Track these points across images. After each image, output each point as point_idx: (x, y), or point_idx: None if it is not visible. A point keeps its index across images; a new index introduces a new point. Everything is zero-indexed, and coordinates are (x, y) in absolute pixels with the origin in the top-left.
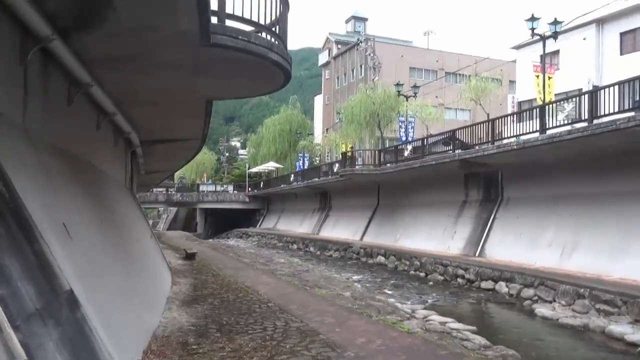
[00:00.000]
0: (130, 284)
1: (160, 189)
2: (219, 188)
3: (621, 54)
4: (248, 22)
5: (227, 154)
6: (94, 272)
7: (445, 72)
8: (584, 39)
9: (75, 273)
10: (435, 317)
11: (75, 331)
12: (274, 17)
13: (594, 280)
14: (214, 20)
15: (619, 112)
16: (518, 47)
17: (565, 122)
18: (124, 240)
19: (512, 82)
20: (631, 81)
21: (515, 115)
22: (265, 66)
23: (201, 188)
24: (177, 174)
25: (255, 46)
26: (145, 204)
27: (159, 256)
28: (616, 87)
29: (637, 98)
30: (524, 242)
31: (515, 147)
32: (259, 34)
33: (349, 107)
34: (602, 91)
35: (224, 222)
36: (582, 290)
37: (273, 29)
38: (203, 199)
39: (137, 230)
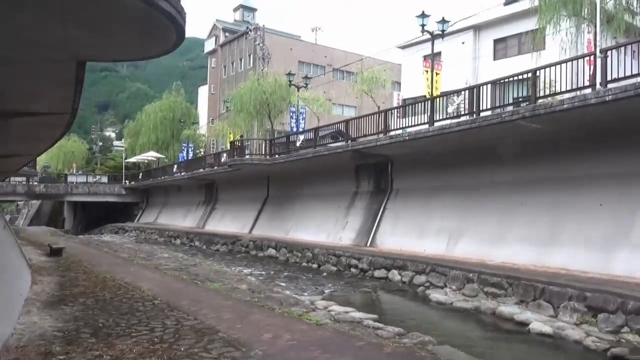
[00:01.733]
0: None
1: (20, 179)
2: (91, 179)
3: (494, 59)
4: None
5: (100, 144)
6: None
7: (333, 68)
8: (463, 42)
9: None
10: (336, 307)
11: None
12: None
13: (479, 265)
14: None
15: (498, 107)
16: (404, 47)
17: (454, 114)
18: None
19: (394, 82)
20: (514, 77)
21: (402, 109)
22: (154, 17)
23: (70, 179)
24: (40, 162)
25: None
26: (1, 196)
27: (14, 250)
28: (497, 83)
29: (515, 95)
30: (413, 231)
31: (407, 137)
32: None
33: (239, 95)
34: (485, 87)
35: (96, 216)
36: (471, 274)
37: None
38: (72, 191)
39: None
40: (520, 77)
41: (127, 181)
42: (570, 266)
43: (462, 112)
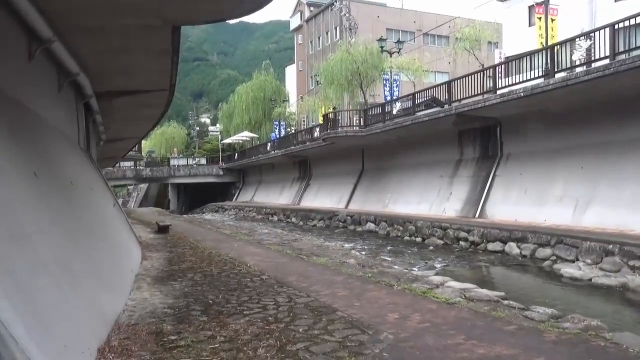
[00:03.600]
0: (79, 256)
1: (128, 164)
2: (191, 161)
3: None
4: None
5: (197, 129)
6: (13, 235)
7: (423, 33)
8: None
9: None
10: (453, 284)
11: None
12: None
13: (617, 235)
14: None
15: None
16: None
17: (580, 61)
18: (72, 202)
19: (491, 43)
20: None
21: (506, 67)
22: None
23: (172, 162)
24: (145, 148)
25: None
26: (113, 181)
27: (124, 227)
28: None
29: None
30: (529, 200)
31: (522, 94)
32: None
33: (329, 67)
34: (621, 24)
35: (198, 197)
36: (611, 246)
37: None
38: (174, 174)
39: (94, 194)
40: None
41: (223, 162)
42: None
43: (591, 59)
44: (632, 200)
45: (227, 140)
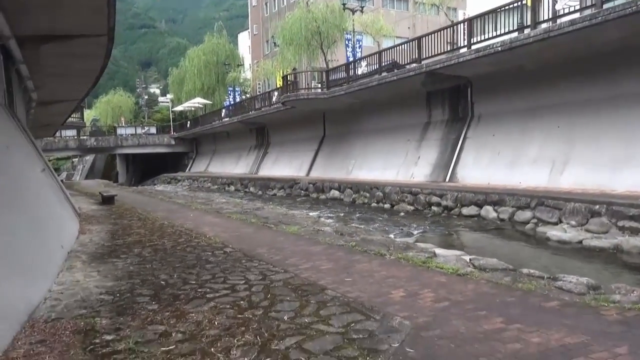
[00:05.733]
0: None
1: (70, 133)
2: (139, 131)
3: None
4: None
5: (146, 97)
6: None
7: None
8: None
9: None
10: (438, 251)
11: None
12: None
13: (600, 195)
14: None
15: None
16: None
17: (564, 12)
18: None
19: (450, 8)
20: None
21: (475, 23)
22: None
23: (119, 132)
24: (89, 116)
25: None
26: (54, 152)
27: (57, 195)
28: None
29: None
30: (503, 162)
31: (500, 48)
32: None
33: (287, 26)
34: None
35: (148, 168)
36: (597, 206)
37: None
38: (122, 144)
39: (12, 154)
40: None
41: (175, 131)
42: None
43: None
44: (612, 160)
45: (179, 108)
